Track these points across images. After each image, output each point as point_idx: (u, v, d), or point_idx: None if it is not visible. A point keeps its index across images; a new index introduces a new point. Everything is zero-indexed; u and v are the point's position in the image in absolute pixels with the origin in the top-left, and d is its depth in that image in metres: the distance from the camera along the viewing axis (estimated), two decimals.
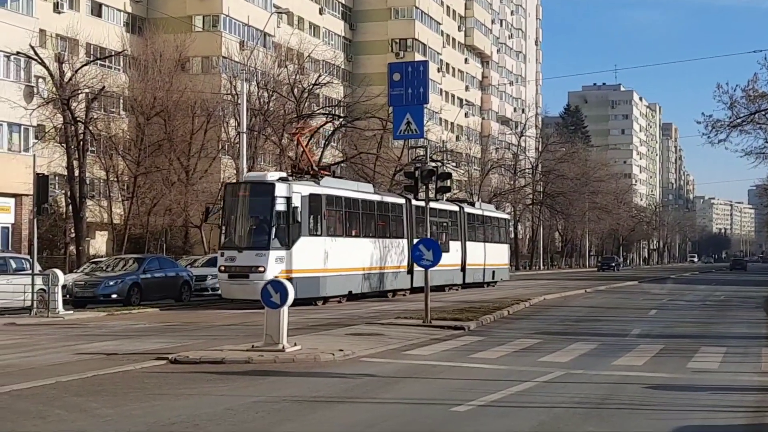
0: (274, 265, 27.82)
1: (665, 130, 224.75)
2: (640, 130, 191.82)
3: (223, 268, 28.88)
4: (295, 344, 16.48)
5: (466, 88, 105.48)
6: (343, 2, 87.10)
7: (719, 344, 18.96)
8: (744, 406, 11.71)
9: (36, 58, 41.63)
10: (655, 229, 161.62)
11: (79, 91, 42.34)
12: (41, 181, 28.19)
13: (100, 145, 47.65)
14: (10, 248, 39.91)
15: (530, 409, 11.28)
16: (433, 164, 25.76)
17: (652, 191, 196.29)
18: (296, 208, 28.18)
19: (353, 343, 17.69)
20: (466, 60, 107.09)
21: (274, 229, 28.37)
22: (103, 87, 43.77)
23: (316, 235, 30.13)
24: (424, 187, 23.46)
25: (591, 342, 19.06)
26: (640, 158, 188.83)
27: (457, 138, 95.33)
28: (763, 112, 40.23)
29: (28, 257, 29.89)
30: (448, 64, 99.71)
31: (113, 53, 52.96)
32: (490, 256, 47.32)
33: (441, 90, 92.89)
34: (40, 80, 44.92)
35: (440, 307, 26.63)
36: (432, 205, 37.28)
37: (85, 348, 17.50)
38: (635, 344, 18.82)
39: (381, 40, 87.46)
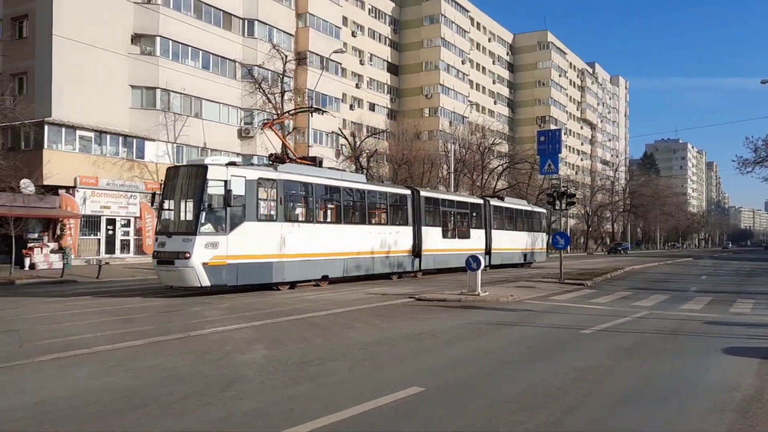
0: (202, 250, 15.88)
1: (709, 166, 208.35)
2: (692, 167, 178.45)
3: (155, 253, 16.75)
4: (486, 291, 16.33)
5: (581, 144, 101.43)
6: (508, 96, 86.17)
7: (749, 297, 17.09)
8: None
9: (341, 134, 43.74)
10: (702, 226, 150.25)
11: (364, 152, 43.95)
12: None
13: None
14: None
15: (629, 333, 10.60)
16: (563, 188, 24.73)
17: (700, 203, 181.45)
18: (230, 191, 16.13)
19: (518, 291, 17.26)
20: (581, 127, 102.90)
21: (203, 214, 16.03)
22: (376, 149, 45.39)
23: (269, 221, 17.45)
24: (558, 202, 22.66)
25: (665, 294, 17.71)
26: (692, 183, 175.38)
27: (576, 173, 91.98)
28: None
29: None
30: (570, 130, 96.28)
31: (380, 131, 54.50)
32: (520, 242, 33.49)
33: (566, 145, 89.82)
34: (343, 146, 47.03)
35: (567, 272, 25.41)
36: (453, 197, 29.36)
37: (370, 291, 17.89)
38: (693, 296, 17.26)
39: (530, 117, 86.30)
